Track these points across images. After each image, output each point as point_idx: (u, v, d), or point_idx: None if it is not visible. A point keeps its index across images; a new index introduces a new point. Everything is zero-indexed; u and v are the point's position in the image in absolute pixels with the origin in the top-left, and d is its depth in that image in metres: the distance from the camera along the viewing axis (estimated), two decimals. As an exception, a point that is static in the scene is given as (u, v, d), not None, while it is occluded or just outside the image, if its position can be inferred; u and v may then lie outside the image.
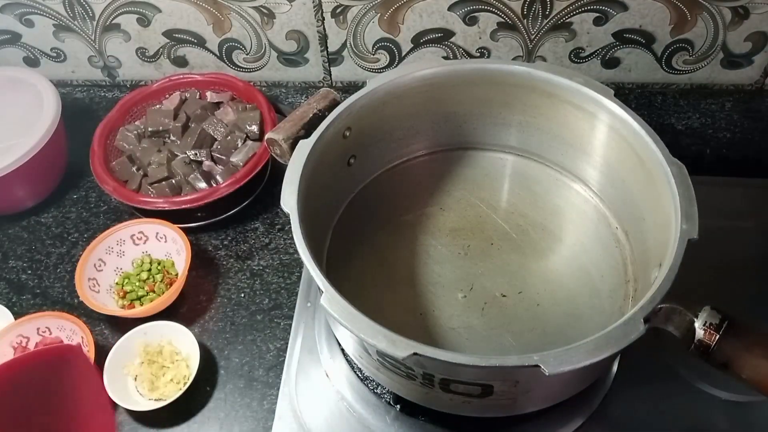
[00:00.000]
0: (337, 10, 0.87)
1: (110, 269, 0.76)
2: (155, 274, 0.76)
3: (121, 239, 0.76)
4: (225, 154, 0.82)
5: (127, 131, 0.85)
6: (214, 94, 0.89)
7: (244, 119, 0.83)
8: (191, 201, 0.76)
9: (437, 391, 0.55)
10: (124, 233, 0.76)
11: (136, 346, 0.69)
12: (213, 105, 0.88)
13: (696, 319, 0.49)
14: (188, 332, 0.68)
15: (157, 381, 0.67)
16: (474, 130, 0.75)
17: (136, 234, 0.77)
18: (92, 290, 0.73)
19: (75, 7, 0.90)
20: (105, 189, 0.79)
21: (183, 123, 0.85)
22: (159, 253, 0.77)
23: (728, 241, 0.74)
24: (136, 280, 0.75)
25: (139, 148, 0.83)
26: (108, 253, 0.76)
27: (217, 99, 0.88)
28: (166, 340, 0.70)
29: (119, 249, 0.76)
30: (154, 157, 0.81)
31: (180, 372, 0.68)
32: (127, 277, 0.76)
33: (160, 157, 0.81)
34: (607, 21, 0.85)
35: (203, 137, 0.83)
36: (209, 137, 0.83)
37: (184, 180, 0.80)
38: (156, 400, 0.66)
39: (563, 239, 0.71)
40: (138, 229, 0.76)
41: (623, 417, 0.64)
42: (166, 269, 0.77)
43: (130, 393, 0.67)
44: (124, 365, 0.68)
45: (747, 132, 0.88)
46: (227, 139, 0.83)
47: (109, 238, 0.75)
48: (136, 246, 0.77)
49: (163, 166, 0.80)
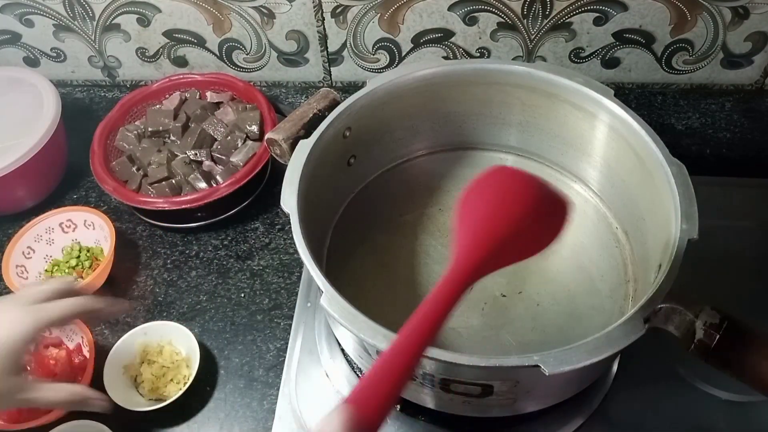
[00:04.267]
0: (337, 10, 0.87)
1: (39, 257, 0.77)
2: (84, 260, 0.77)
3: (50, 227, 0.77)
4: (225, 154, 0.82)
5: (127, 131, 0.85)
6: (214, 94, 0.89)
7: (244, 119, 0.83)
8: (191, 201, 0.76)
9: (437, 391, 0.55)
10: (52, 221, 0.77)
11: (135, 346, 0.69)
12: (213, 105, 0.88)
13: (696, 319, 0.49)
14: (188, 332, 0.68)
15: (158, 381, 0.67)
16: (474, 130, 0.75)
17: (65, 222, 0.78)
18: (20, 277, 0.74)
19: (75, 7, 0.90)
20: (105, 189, 0.79)
21: (183, 123, 0.85)
22: (88, 240, 0.79)
23: (728, 241, 0.74)
24: (65, 267, 0.76)
25: (139, 148, 0.83)
26: (37, 241, 0.77)
27: (217, 99, 0.88)
28: (166, 340, 0.70)
29: (48, 237, 0.77)
30: (154, 157, 0.81)
31: (180, 372, 0.68)
32: (57, 264, 0.77)
33: (160, 157, 0.81)
34: (607, 21, 0.85)
35: (203, 137, 0.83)
36: (209, 137, 0.83)
37: (184, 180, 0.80)
38: (156, 400, 0.66)
39: (563, 239, 0.71)
40: (66, 216, 0.78)
41: (623, 417, 0.64)
42: (95, 256, 0.78)
43: (130, 394, 0.67)
44: (123, 365, 0.68)
45: (747, 132, 0.88)
46: (227, 139, 0.83)
47: (38, 226, 0.77)
48: (66, 234, 0.78)
49: (163, 166, 0.80)
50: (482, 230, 0.47)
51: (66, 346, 0.70)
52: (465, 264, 0.45)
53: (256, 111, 0.84)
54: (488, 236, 0.46)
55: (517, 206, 0.49)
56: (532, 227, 0.49)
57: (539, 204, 0.50)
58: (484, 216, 0.48)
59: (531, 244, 0.49)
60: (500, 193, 0.50)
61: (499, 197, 0.50)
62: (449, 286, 0.43)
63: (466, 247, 0.46)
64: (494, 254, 0.46)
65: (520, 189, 0.50)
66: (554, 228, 0.50)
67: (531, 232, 0.49)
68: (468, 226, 0.47)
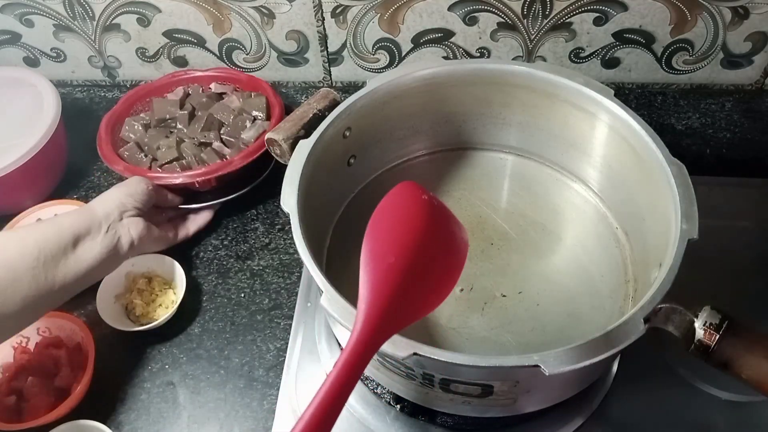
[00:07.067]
0: (337, 10, 0.87)
1: None
2: None
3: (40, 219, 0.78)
4: (234, 135, 0.81)
5: (134, 121, 0.84)
6: (218, 85, 0.88)
7: (250, 105, 0.83)
8: (204, 174, 0.75)
9: (437, 391, 0.55)
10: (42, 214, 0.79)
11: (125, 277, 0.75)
12: (217, 95, 0.87)
13: (696, 319, 0.49)
14: (173, 261, 0.74)
15: (147, 307, 0.74)
16: (474, 130, 0.75)
17: None
18: None
19: (75, 7, 0.91)
20: (115, 169, 0.78)
21: (189, 111, 0.83)
22: None
23: (728, 241, 0.74)
24: None
25: (147, 136, 0.82)
26: None
27: (221, 90, 0.88)
28: (152, 272, 0.76)
29: None
30: (162, 141, 0.81)
31: (168, 298, 0.74)
32: None
33: (168, 141, 0.80)
34: (607, 21, 0.85)
35: (211, 122, 0.82)
36: (217, 121, 0.82)
37: (194, 160, 0.79)
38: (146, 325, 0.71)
39: (563, 239, 0.71)
40: (53, 211, 0.79)
41: (623, 417, 0.64)
42: None
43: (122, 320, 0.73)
44: (115, 295, 0.74)
45: (747, 132, 0.88)
46: (235, 121, 0.82)
47: (24, 220, 0.78)
48: None
49: (172, 149, 0.79)
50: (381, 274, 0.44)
51: (66, 346, 0.70)
52: (366, 328, 0.41)
53: (262, 97, 0.84)
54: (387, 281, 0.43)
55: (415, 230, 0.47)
56: (435, 257, 0.47)
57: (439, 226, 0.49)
58: (382, 251, 0.45)
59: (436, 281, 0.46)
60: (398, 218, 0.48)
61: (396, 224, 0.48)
62: (348, 362, 0.40)
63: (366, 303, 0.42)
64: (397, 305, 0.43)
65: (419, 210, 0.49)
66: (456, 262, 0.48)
67: (434, 264, 0.46)
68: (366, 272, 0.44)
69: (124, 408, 0.68)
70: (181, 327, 0.73)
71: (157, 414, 0.67)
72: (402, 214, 0.49)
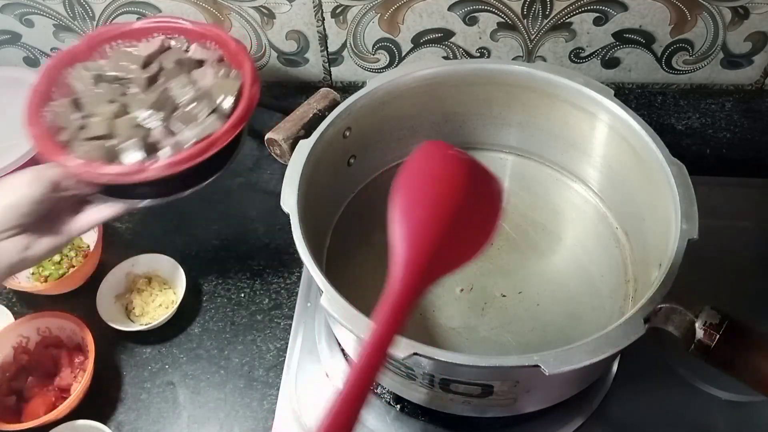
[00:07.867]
0: (337, 10, 0.87)
1: None
2: (67, 252, 0.78)
3: None
4: (184, 123, 0.61)
5: (86, 69, 0.66)
6: (200, 49, 0.69)
7: (220, 88, 0.64)
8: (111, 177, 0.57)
9: (437, 391, 0.55)
10: None
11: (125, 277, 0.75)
12: (196, 62, 0.67)
13: (696, 319, 0.49)
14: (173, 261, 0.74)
15: (147, 307, 0.74)
16: (474, 130, 0.75)
17: None
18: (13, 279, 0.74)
19: (75, 7, 0.90)
20: (30, 132, 0.62)
21: (152, 74, 0.65)
22: None
23: (728, 241, 0.74)
24: (50, 265, 0.76)
25: (91, 93, 0.64)
26: None
27: (201, 56, 0.68)
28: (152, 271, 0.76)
29: None
30: (101, 107, 0.62)
31: (168, 298, 0.74)
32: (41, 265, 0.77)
33: (108, 109, 0.62)
34: (607, 21, 0.85)
35: (164, 99, 0.63)
36: (171, 101, 0.63)
37: (122, 146, 0.59)
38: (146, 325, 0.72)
39: (563, 239, 0.71)
40: None
41: (623, 417, 0.64)
42: (78, 245, 0.79)
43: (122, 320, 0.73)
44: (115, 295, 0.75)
45: (747, 132, 0.88)
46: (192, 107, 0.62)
47: None
48: None
49: (105, 122, 0.61)
50: (419, 223, 0.44)
51: (66, 346, 0.70)
52: (408, 273, 0.42)
53: (237, 83, 0.64)
54: (427, 229, 0.44)
55: (449, 184, 0.47)
56: (471, 209, 0.46)
57: (471, 179, 0.49)
58: (418, 204, 0.45)
59: (473, 233, 0.46)
60: (430, 174, 0.48)
61: (429, 179, 0.48)
62: (392, 309, 0.40)
63: (405, 251, 0.43)
64: (437, 252, 0.43)
65: (449, 165, 0.49)
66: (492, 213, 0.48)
67: (471, 217, 0.46)
68: (403, 223, 0.45)
69: (124, 408, 0.68)
70: (181, 327, 0.73)
71: (157, 414, 0.67)
72: (433, 166, 0.49)
